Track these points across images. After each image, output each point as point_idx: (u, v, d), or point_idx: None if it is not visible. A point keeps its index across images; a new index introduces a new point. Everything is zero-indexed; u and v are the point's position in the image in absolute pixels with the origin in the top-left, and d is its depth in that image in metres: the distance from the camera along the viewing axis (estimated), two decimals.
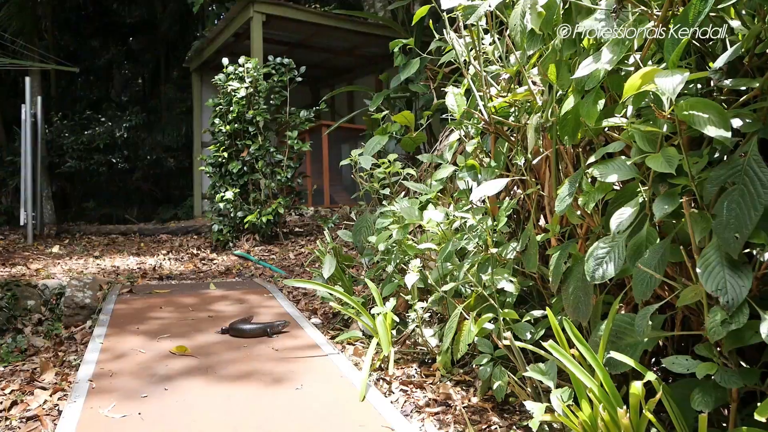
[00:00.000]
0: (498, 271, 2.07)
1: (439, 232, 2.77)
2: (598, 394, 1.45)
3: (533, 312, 2.14)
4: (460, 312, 2.16)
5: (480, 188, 1.99)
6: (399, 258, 3.21)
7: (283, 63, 6.53)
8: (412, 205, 3.02)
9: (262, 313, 3.56)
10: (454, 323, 2.15)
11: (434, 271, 2.72)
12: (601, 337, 1.50)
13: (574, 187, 1.74)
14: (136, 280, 4.84)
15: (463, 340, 2.13)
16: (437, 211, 2.61)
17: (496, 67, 2.25)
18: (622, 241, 1.53)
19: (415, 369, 2.83)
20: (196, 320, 3.41)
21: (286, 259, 5.60)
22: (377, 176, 3.66)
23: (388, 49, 5.70)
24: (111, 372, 2.52)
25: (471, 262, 2.29)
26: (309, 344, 2.97)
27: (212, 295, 4.10)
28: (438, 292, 2.68)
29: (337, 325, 3.60)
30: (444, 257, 2.40)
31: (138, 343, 2.95)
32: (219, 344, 2.95)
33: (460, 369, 2.79)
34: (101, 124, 11.15)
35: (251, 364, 2.63)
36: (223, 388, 2.35)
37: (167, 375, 2.49)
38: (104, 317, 3.43)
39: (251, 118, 6.25)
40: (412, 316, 2.81)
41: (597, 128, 1.81)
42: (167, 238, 7.68)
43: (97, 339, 2.99)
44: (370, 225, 3.69)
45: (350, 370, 2.57)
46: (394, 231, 2.97)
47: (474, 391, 2.54)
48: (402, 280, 3.11)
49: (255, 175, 6.30)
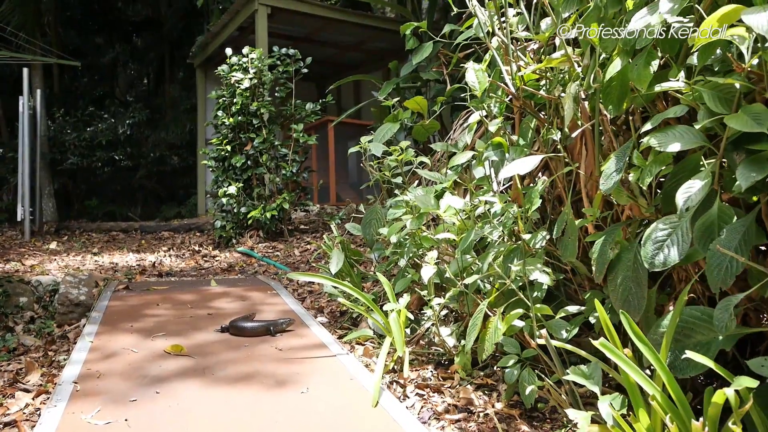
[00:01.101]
0: (531, 260, 1.83)
1: (458, 222, 2.54)
2: (662, 402, 1.20)
3: (568, 308, 1.90)
4: (484, 309, 1.92)
5: (511, 166, 1.75)
6: (412, 251, 2.98)
7: (288, 54, 6.31)
8: (427, 193, 2.79)
9: (265, 311, 3.33)
10: (479, 320, 1.92)
11: (452, 263, 2.48)
12: (663, 335, 1.26)
13: (623, 162, 1.50)
14: (134, 276, 4.63)
15: (489, 339, 1.89)
16: (456, 198, 2.37)
17: (526, 33, 2.01)
18: (686, 221, 1.29)
19: (431, 371, 2.59)
20: (194, 318, 3.18)
21: (291, 255, 5.37)
22: (388, 165, 3.42)
23: (396, 45, 5.42)
24: (99, 373, 2.30)
25: (496, 252, 2.05)
26: (315, 344, 2.74)
27: (213, 292, 3.88)
28: (458, 287, 2.44)
29: (344, 324, 3.37)
30: (465, 248, 2.17)
31: (131, 341, 2.73)
32: (218, 343, 2.72)
33: (480, 371, 2.55)
34: (104, 120, 10.98)
35: (252, 365, 2.40)
36: (222, 392, 2.12)
37: (160, 376, 2.26)
38: (96, 314, 3.21)
39: (255, 110, 6.03)
40: (428, 313, 2.57)
41: (648, 94, 1.57)
42: (169, 236, 7.48)
43: (87, 337, 2.77)
44: (380, 217, 3.45)
45: (361, 371, 2.34)
46: (408, 221, 2.74)
47: (497, 395, 2.30)
48: (416, 275, 2.87)
49: (259, 169, 6.08)
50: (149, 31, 14.21)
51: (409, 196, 2.99)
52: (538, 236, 2.11)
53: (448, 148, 3.45)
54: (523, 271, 1.77)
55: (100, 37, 14.08)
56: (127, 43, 14.55)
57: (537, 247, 2.11)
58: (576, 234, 1.74)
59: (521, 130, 2.18)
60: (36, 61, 8.31)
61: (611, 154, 1.57)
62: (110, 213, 11.57)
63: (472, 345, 1.96)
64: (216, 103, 6.30)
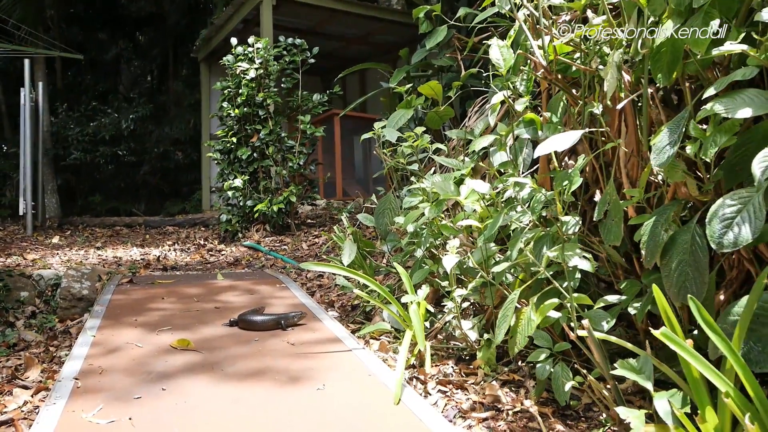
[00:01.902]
0: (569, 246, 1.68)
1: (481, 208, 2.39)
2: (737, 399, 1.06)
3: (607, 297, 1.75)
4: (515, 299, 1.77)
5: (548, 143, 1.60)
6: (429, 241, 2.83)
7: (294, 44, 6.16)
8: (445, 180, 2.64)
9: (274, 305, 3.19)
10: (510, 311, 1.77)
11: (475, 252, 2.34)
12: (735, 324, 1.11)
13: (678, 134, 1.35)
14: (138, 270, 4.50)
15: (521, 332, 1.75)
16: (480, 182, 2.22)
17: (559, 0, 1.85)
18: (759, 195, 1.14)
19: (452, 366, 2.45)
20: (200, 312, 3.05)
21: (299, 249, 5.23)
22: (402, 152, 3.28)
23: (403, 37, 5.26)
24: (101, 369, 2.16)
25: (528, 238, 1.90)
26: (329, 338, 2.60)
27: (219, 285, 3.74)
28: (479, 277, 2.29)
29: (357, 318, 3.23)
30: (490, 235, 2.02)
31: (135, 336, 2.59)
32: (226, 338, 2.59)
33: (504, 366, 2.41)
34: (107, 115, 10.85)
35: (263, 361, 2.26)
36: (231, 388, 1.98)
37: (166, 372, 2.12)
38: (99, 308, 3.08)
39: (261, 101, 5.89)
40: (448, 305, 2.43)
41: (704, 59, 1.42)
42: (174, 230, 7.35)
43: (89, 332, 2.63)
44: (394, 207, 3.31)
45: (379, 367, 2.20)
46: (426, 209, 2.59)
47: (525, 392, 2.16)
48: (434, 266, 2.73)
49: (265, 161, 5.94)
50: (153, 27, 14.08)
51: (425, 183, 2.84)
52: (571, 221, 1.97)
53: (465, 135, 3.30)
54: (561, 257, 1.62)
55: (103, 33, 13.95)
56: (131, 40, 14.42)
57: (570, 232, 1.96)
58: (621, 216, 1.59)
59: (550, 107, 2.02)
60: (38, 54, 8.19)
61: (662, 127, 1.42)
62: (114, 209, 11.46)
63: (502, 338, 1.81)
64: (221, 95, 6.16)
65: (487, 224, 2.18)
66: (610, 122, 1.83)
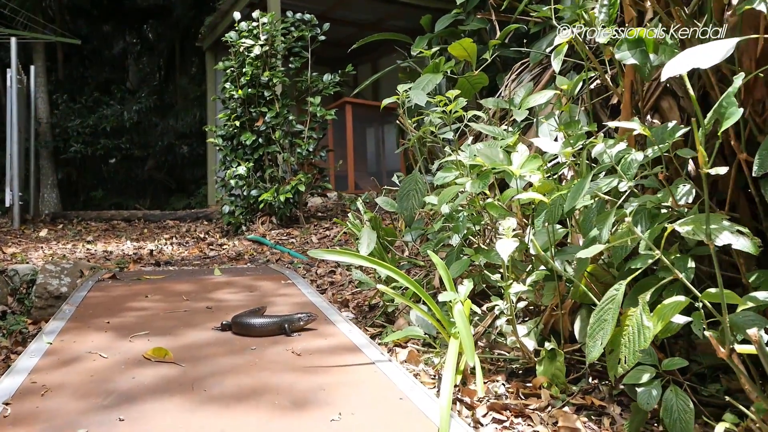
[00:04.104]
0: (715, 217, 1.12)
1: (540, 178, 1.83)
2: None
3: (755, 294, 1.19)
4: (619, 297, 1.21)
5: (682, 59, 1.05)
6: (467, 226, 2.28)
7: (303, 19, 5.63)
8: (490, 146, 2.09)
9: (278, 304, 2.66)
10: (610, 314, 1.22)
11: (539, 235, 1.79)
12: None
13: None
14: (127, 265, 3.99)
15: (629, 344, 1.19)
16: (548, 140, 1.67)
17: None
18: None
19: (503, 384, 1.90)
20: (189, 312, 2.52)
21: (308, 243, 4.70)
22: (431, 122, 2.72)
23: (417, 23, 4.73)
24: (45, 388, 1.64)
25: (621, 212, 1.35)
26: (344, 345, 2.06)
27: (215, 281, 3.22)
28: (544, 266, 1.75)
29: (377, 320, 2.69)
30: (567, 210, 1.47)
31: (102, 342, 2.07)
32: (215, 345, 2.06)
33: (572, 385, 1.85)
34: (110, 106, 10.40)
35: (260, 377, 1.73)
36: (214, 417, 1.45)
37: (129, 393, 1.59)
38: (68, 308, 2.56)
39: (267, 81, 5.36)
40: (499, 305, 1.87)
41: None
42: (174, 224, 6.85)
43: (45, 337, 2.11)
44: (421, 187, 2.76)
45: (413, 387, 1.65)
46: (468, 184, 2.04)
47: (611, 423, 1.60)
48: (476, 256, 2.18)
49: (271, 147, 5.40)
50: (158, 19, 13.67)
51: (462, 155, 2.30)
52: (681, 187, 1.41)
53: (503, 104, 2.75)
54: (706, 232, 1.06)
55: (108, 26, 13.54)
56: (137, 32, 14.03)
57: (681, 202, 1.40)
58: None
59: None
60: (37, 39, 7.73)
61: None
62: (117, 205, 11.03)
63: (601, 351, 1.25)
64: (224, 75, 5.65)
65: (557, 196, 1.62)
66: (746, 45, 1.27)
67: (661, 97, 1.97)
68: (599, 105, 2.94)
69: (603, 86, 2.95)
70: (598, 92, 2.87)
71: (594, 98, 2.83)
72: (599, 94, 2.87)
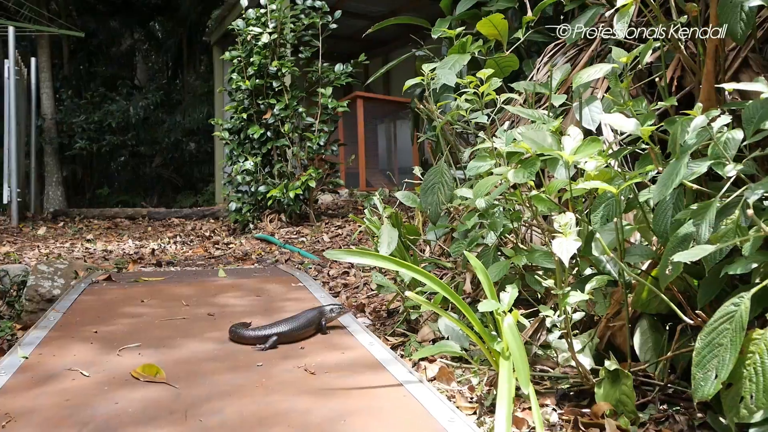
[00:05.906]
0: None
1: (598, 165, 1.53)
2: None
3: None
4: (745, 312, 0.91)
5: None
6: (504, 223, 1.98)
7: (314, 6, 5.34)
8: (535, 129, 1.79)
9: (286, 309, 2.38)
10: (727, 337, 0.92)
11: (604, 233, 1.49)
12: None
13: None
14: (126, 265, 3.73)
15: (758, 377, 0.89)
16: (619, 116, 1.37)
17: None
18: None
19: (554, 409, 1.60)
20: (188, 320, 2.24)
21: (320, 242, 4.42)
22: (459, 106, 2.42)
23: (432, 15, 4.41)
24: (9, 416, 1.36)
25: (756, 197, 1.05)
26: (365, 361, 1.77)
27: (219, 284, 2.94)
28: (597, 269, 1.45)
29: (398, 328, 2.40)
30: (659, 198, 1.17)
31: (85, 356, 1.80)
32: (215, 360, 1.77)
33: (639, 411, 1.55)
34: (115, 102, 10.18)
35: (267, 401, 1.44)
36: None
37: (109, 425, 1.31)
38: (54, 314, 2.30)
39: (275, 71, 5.08)
40: (552, 317, 1.57)
41: None
42: (179, 222, 6.60)
43: (23, 350, 1.84)
44: (447, 180, 2.46)
45: (452, 418, 1.35)
46: (510, 173, 1.74)
47: None
48: (518, 257, 1.88)
49: (280, 141, 5.12)
50: (166, 15, 13.46)
51: (498, 142, 2.00)
52: None
53: (535, 88, 2.45)
54: None
55: (114, 20, 13.34)
56: (144, 28, 13.83)
57: None
58: None
59: None
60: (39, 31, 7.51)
61: None
62: (124, 202, 10.83)
63: (713, 382, 0.95)
64: (230, 65, 5.37)
65: (627, 185, 1.32)
66: None
67: (740, 70, 1.67)
68: (640, 90, 2.64)
69: (647, 67, 2.65)
70: (639, 76, 2.58)
71: (637, 82, 2.54)
72: (641, 79, 2.58)
